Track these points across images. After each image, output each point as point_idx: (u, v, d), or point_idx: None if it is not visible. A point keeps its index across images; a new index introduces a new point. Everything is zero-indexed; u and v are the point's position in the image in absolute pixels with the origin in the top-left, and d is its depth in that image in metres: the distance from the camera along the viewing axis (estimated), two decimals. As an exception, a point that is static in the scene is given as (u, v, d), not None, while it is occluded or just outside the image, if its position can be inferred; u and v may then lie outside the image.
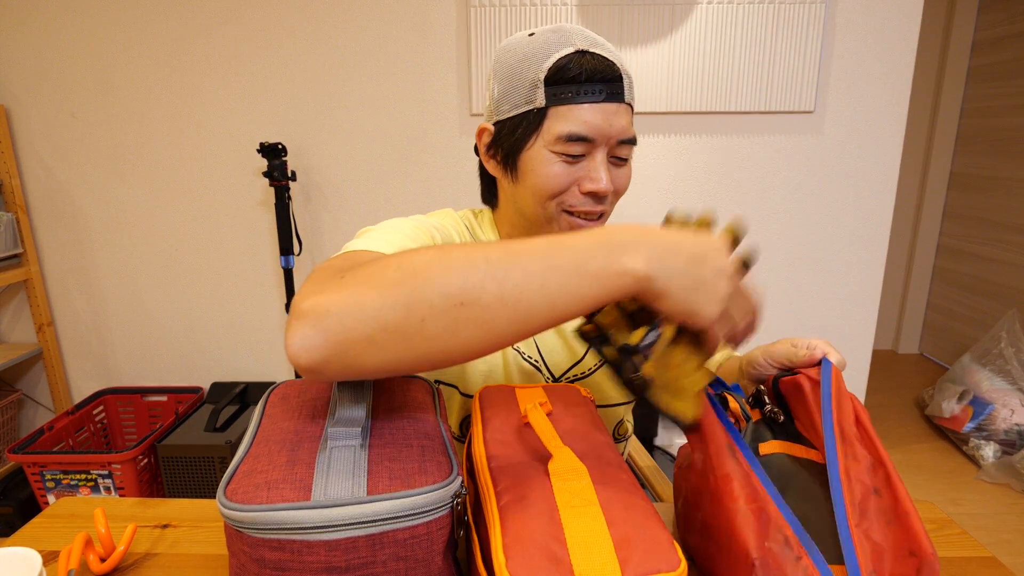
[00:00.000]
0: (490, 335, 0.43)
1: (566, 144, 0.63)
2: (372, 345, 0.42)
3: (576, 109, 0.63)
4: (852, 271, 1.88)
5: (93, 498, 0.69)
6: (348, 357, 0.42)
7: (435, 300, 0.42)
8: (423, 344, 0.42)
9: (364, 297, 0.42)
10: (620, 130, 0.65)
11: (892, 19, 1.69)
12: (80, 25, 1.73)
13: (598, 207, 0.67)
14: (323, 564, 0.40)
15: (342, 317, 0.41)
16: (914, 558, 0.41)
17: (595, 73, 0.62)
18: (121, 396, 1.94)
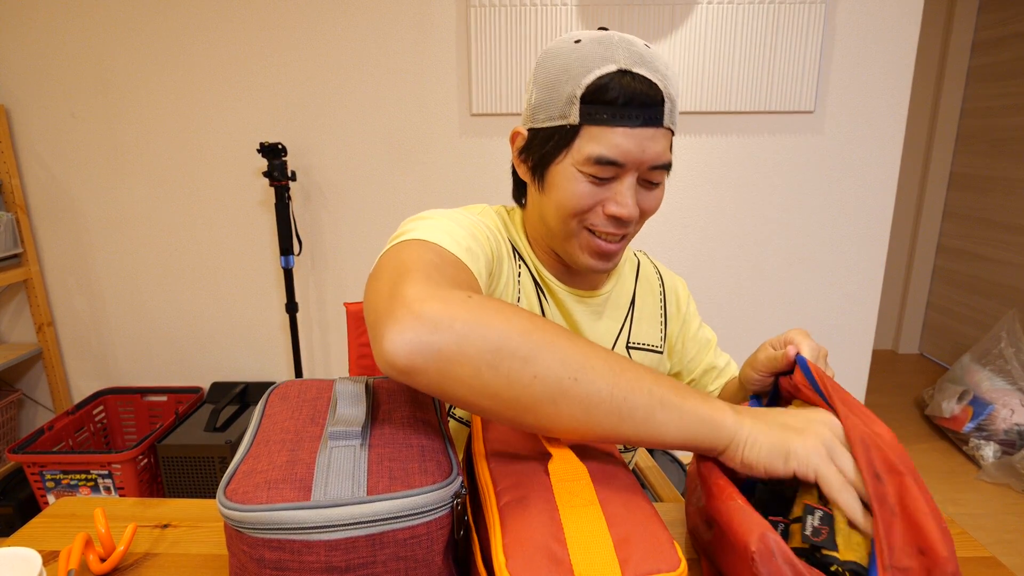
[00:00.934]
0: (586, 420, 0.43)
1: (595, 166, 0.61)
2: (476, 379, 0.42)
3: (609, 132, 0.60)
4: (852, 271, 1.88)
5: (93, 498, 0.69)
6: (447, 376, 0.41)
7: (554, 365, 0.42)
8: (522, 400, 0.42)
9: (491, 330, 0.42)
10: (654, 156, 0.62)
11: (892, 19, 1.69)
12: (80, 25, 1.73)
13: (621, 230, 0.65)
14: (323, 564, 0.40)
15: (465, 337, 0.41)
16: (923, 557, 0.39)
17: (634, 97, 0.59)
18: (121, 396, 1.94)
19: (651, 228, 1.87)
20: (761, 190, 1.82)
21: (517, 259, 0.73)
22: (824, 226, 1.85)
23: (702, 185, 1.83)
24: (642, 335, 0.80)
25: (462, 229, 0.60)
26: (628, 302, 0.80)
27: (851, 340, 1.94)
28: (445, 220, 0.61)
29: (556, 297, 0.74)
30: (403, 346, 0.40)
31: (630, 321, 0.79)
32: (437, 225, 0.59)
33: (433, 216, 0.61)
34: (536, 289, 0.73)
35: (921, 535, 0.40)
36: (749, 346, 2.09)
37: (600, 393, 0.43)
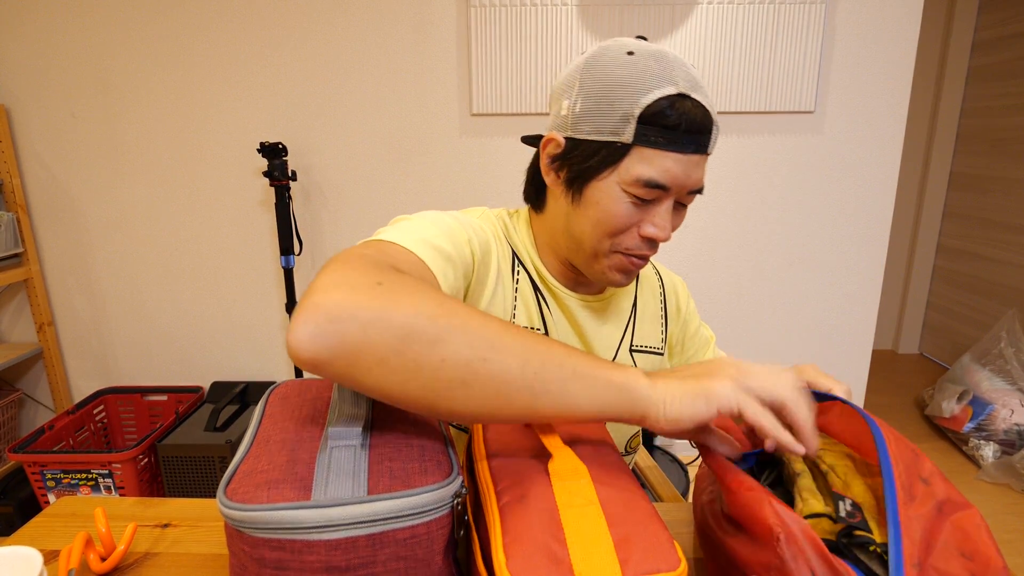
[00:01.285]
0: (498, 399, 0.43)
1: (642, 188, 0.60)
2: (383, 366, 0.41)
3: (662, 156, 0.59)
4: (852, 271, 1.88)
5: (93, 497, 0.69)
6: (354, 367, 0.41)
7: (462, 347, 0.42)
8: (433, 384, 0.42)
9: (396, 315, 0.41)
10: (695, 181, 0.62)
11: (892, 19, 1.69)
12: (80, 25, 1.73)
13: (652, 252, 0.66)
14: (323, 564, 0.40)
15: (367, 326, 0.41)
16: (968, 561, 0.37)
17: (692, 123, 0.58)
18: (121, 396, 1.94)
19: (651, 228, 1.87)
20: (761, 190, 1.82)
21: (517, 265, 0.71)
22: (824, 226, 1.85)
23: (702, 185, 1.82)
24: (644, 337, 0.80)
25: (435, 228, 0.59)
26: (630, 305, 0.79)
27: (851, 340, 1.94)
28: (419, 220, 0.60)
29: (561, 303, 0.73)
30: (305, 338, 0.40)
31: (633, 324, 0.79)
32: (405, 225, 0.58)
33: (410, 217, 0.61)
34: (536, 295, 0.72)
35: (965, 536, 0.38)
36: (749, 346, 2.10)
37: (511, 371, 0.43)
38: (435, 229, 0.59)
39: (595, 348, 0.75)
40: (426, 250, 0.55)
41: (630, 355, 0.78)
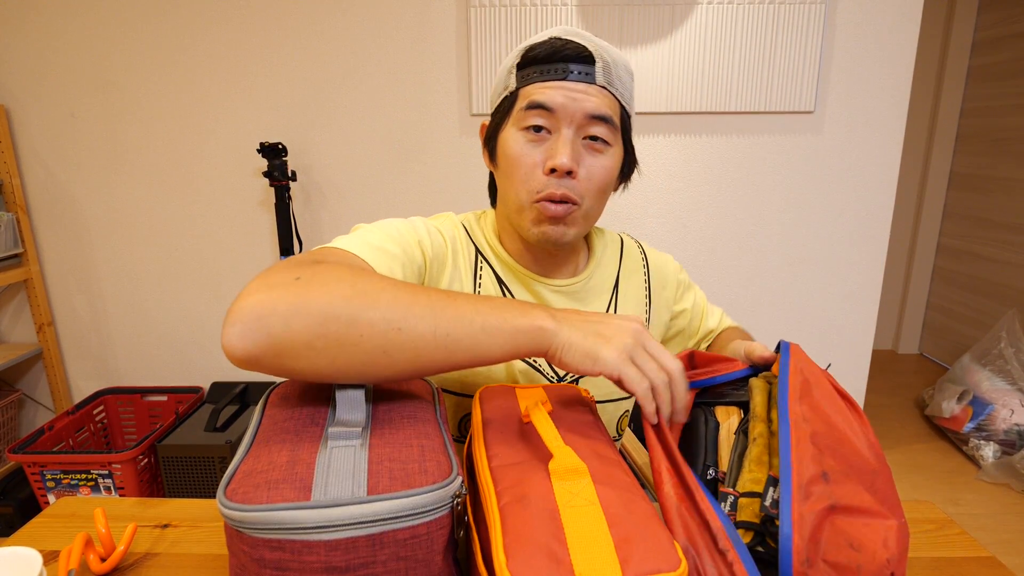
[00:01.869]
0: (418, 361, 0.48)
1: (527, 114, 0.64)
2: (310, 350, 0.45)
3: (541, 85, 0.64)
4: (852, 271, 1.88)
5: (93, 498, 0.69)
6: (284, 356, 0.45)
7: (377, 321, 0.47)
8: (357, 357, 0.46)
9: (313, 304, 0.46)
10: (590, 108, 0.63)
11: (892, 19, 1.69)
12: (80, 25, 1.73)
13: (560, 189, 0.64)
14: (323, 564, 0.40)
15: (287, 318, 0.45)
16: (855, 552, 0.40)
17: (563, 55, 0.63)
18: (121, 396, 1.94)
19: (651, 228, 1.87)
20: (761, 190, 1.82)
21: (480, 262, 0.73)
22: (824, 226, 1.85)
23: (702, 185, 1.83)
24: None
25: (382, 233, 0.63)
26: (612, 285, 0.79)
27: (851, 340, 1.94)
28: (370, 227, 0.65)
29: (531, 290, 0.74)
30: (235, 338, 0.44)
31: (615, 305, 0.79)
32: (357, 232, 0.63)
33: (367, 225, 0.66)
34: (500, 287, 0.73)
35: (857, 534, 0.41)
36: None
37: (424, 336, 0.47)
38: (382, 234, 0.63)
39: None
40: (370, 251, 0.60)
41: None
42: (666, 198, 1.84)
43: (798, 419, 0.46)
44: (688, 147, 1.80)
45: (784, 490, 0.42)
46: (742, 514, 0.46)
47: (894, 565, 0.40)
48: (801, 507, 0.41)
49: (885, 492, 0.44)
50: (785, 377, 0.50)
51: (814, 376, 0.50)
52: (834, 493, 0.42)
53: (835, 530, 0.41)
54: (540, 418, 0.50)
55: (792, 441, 0.45)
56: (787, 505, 0.42)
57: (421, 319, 0.48)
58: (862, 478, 0.44)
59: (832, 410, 0.47)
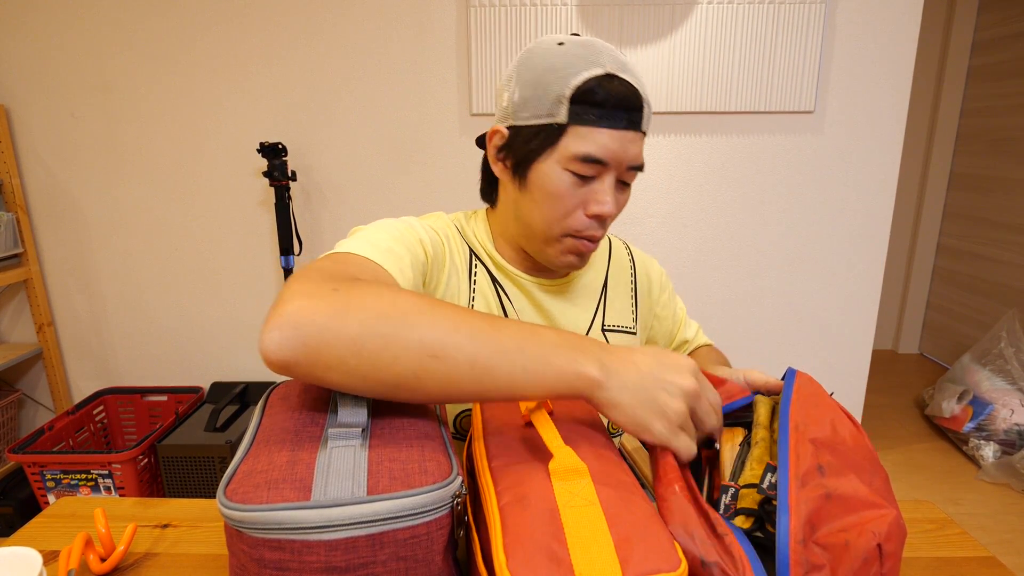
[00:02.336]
0: (449, 391, 0.47)
1: (580, 164, 0.64)
2: (342, 364, 0.45)
3: (596, 132, 0.63)
4: (852, 271, 1.88)
5: (93, 498, 0.69)
6: (316, 367, 0.45)
7: (412, 345, 0.45)
8: (387, 379, 0.46)
9: (351, 319, 0.45)
10: (632, 157, 0.66)
11: (892, 19, 1.69)
12: (80, 25, 1.73)
13: (600, 232, 0.68)
14: (323, 564, 0.40)
15: (324, 330, 0.45)
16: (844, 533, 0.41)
17: (621, 100, 0.62)
18: (121, 396, 1.94)
19: (652, 228, 1.87)
20: (761, 190, 1.82)
21: (474, 260, 0.74)
22: (824, 226, 1.85)
23: (702, 185, 1.83)
24: (616, 316, 0.81)
25: (387, 234, 0.63)
26: (600, 285, 0.81)
27: (851, 340, 1.94)
28: (373, 229, 0.64)
29: (523, 289, 0.75)
30: (272, 343, 0.44)
31: (603, 304, 0.80)
32: (361, 235, 0.62)
33: (364, 228, 0.65)
34: (494, 287, 0.74)
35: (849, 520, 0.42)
36: (749, 346, 2.10)
37: (460, 368, 0.46)
38: (387, 235, 0.63)
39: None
40: (381, 254, 0.59)
41: (603, 334, 0.79)
42: (666, 198, 1.84)
43: (798, 423, 0.48)
44: (688, 147, 1.80)
45: (782, 477, 0.44)
46: (742, 503, 0.47)
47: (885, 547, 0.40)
48: (798, 494, 0.43)
49: (883, 490, 0.44)
50: (789, 391, 0.52)
51: (817, 393, 0.52)
52: (829, 484, 0.44)
53: (830, 515, 0.42)
54: (541, 418, 0.50)
55: (791, 440, 0.46)
56: (784, 490, 0.43)
57: (459, 349, 0.46)
58: (860, 475, 0.45)
59: (832, 419, 0.49)
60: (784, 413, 0.49)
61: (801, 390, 0.52)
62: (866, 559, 0.40)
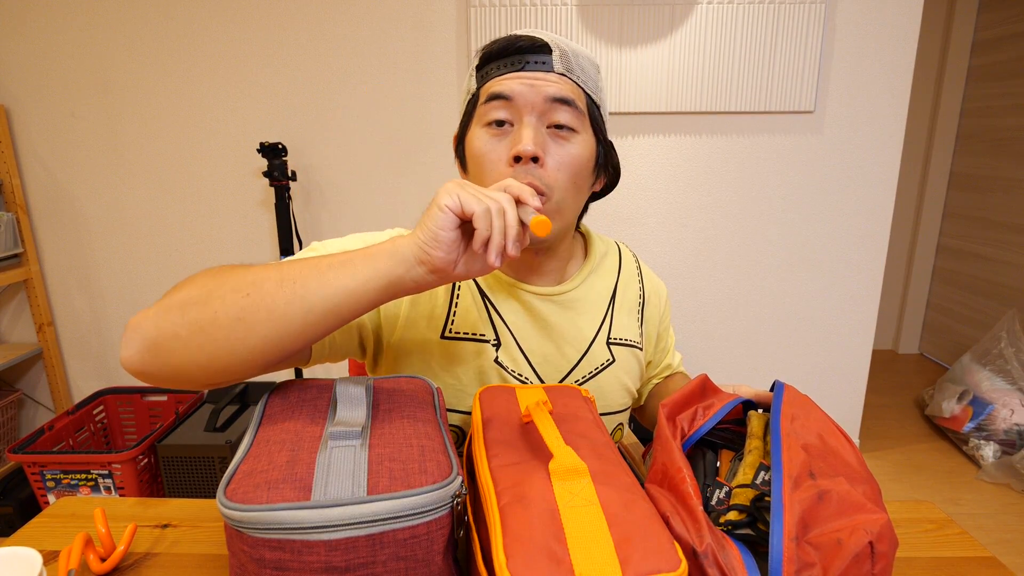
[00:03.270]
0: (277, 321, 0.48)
1: (487, 108, 0.63)
2: (177, 340, 0.48)
3: (499, 79, 0.63)
4: (852, 271, 1.88)
5: (93, 498, 0.69)
6: (161, 354, 0.49)
7: (226, 293, 0.49)
8: (220, 334, 0.48)
9: (174, 299, 0.50)
10: (549, 94, 0.61)
11: (892, 19, 1.69)
12: (80, 25, 1.73)
13: (526, 178, 0.61)
14: (323, 564, 0.40)
15: (155, 318, 0.49)
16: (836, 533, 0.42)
17: (519, 48, 0.63)
18: (121, 396, 1.94)
19: (651, 228, 1.87)
20: (761, 190, 1.82)
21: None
22: (824, 226, 1.85)
23: (702, 185, 1.83)
24: (623, 330, 0.76)
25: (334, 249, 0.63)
26: (609, 296, 0.76)
27: (851, 340, 1.94)
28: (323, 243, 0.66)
29: (518, 299, 0.71)
30: (123, 354, 0.50)
31: (611, 315, 0.75)
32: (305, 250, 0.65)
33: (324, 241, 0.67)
34: (482, 299, 0.70)
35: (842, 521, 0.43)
36: (749, 347, 2.09)
37: (273, 293, 0.48)
38: (333, 249, 0.63)
39: (565, 342, 0.71)
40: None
41: (607, 348, 0.74)
42: (666, 198, 1.84)
43: (789, 431, 0.49)
44: (688, 147, 1.80)
45: (775, 476, 0.44)
46: (735, 500, 0.48)
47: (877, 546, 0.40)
48: (792, 494, 0.43)
49: (874, 498, 0.45)
50: (779, 404, 0.52)
51: (806, 405, 0.53)
52: (822, 485, 0.44)
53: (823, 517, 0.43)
54: (541, 418, 0.50)
55: (784, 444, 0.47)
56: (778, 489, 0.44)
57: (267, 279, 0.49)
58: (852, 482, 0.45)
59: (822, 430, 0.50)
60: (775, 421, 0.50)
61: (791, 402, 0.52)
62: (857, 557, 0.40)
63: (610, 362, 0.74)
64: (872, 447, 2.18)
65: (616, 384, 0.75)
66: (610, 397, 0.75)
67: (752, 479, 0.48)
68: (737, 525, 0.46)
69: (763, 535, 0.44)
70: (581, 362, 0.72)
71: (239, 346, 0.49)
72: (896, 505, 0.66)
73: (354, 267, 0.49)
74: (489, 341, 0.69)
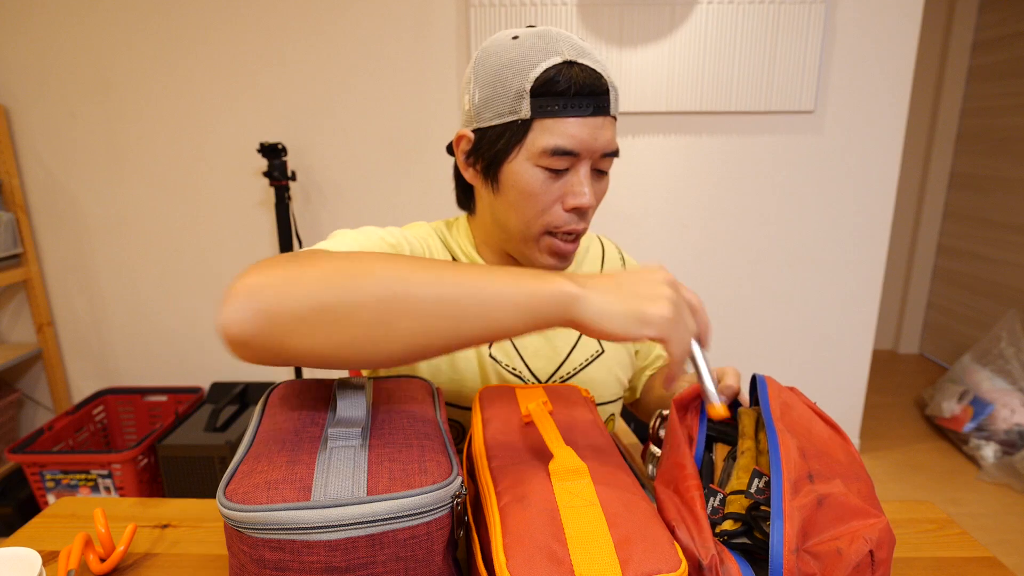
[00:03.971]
0: (421, 334, 0.44)
1: (551, 158, 0.61)
2: (302, 323, 0.42)
3: (562, 123, 0.61)
4: (852, 271, 1.88)
5: (93, 498, 0.69)
6: (275, 334, 0.42)
7: (373, 288, 0.43)
8: (354, 330, 0.43)
9: (305, 275, 0.43)
10: (605, 143, 0.63)
11: (892, 19, 1.69)
12: (80, 25, 1.73)
13: (581, 224, 0.65)
14: (323, 564, 0.40)
15: (278, 289, 0.42)
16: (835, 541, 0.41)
17: (584, 87, 0.60)
18: (121, 396, 1.94)
19: (651, 228, 1.87)
20: (761, 190, 1.82)
21: None
22: (824, 226, 1.85)
23: (702, 185, 1.83)
24: None
25: (363, 237, 0.62)
26: None
27: (851, 340, 1.94)
28: (351, 232, 0.63)
29: None
30: (227, 320, 0.42)
31: None
32: (339, 236, 0.61)
33: (347, 231, 0.63)
34: None
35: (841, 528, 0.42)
36: (749, 346, 2.09)
37: (427, 300, 0.43)
38: (363, 237, 0.61)
39: (556, 335, 0.74)
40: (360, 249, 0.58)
41: (598, 342, 0.77)
42: (666, 198, 1.84)
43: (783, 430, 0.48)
44: (688, 147, 1.80)
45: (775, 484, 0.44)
46: (730, 507, 0.47)
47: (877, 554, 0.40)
48: (792, 501, 0.42)
49: (870, 497, 0.45)
50: (766, 402, 0.52)
51: (791, 399, 0.52)
52: (820, 490, 0.44)
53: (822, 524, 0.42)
54: (542, 418, 0.50)
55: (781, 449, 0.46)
56: (778, 498, 0.43)
57: (421, 285, 0.44)
58: (847, 482, 0.45)
59: (811, 426, 0.49)
60: (769, 423, 0.49)
61: (777, 397, 0.52)
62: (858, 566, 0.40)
63: (600, 352, 0.76)
64: (872, 447, 2.17)
65: (607, 374, 0.77)
66: (602, 388, 0.77)
67: (747, 486, 0.47)
68: (733, 535, 0.45)
69: (760, 543, 0.44)
70: (571, 354, 0.75)
71: (370, 347, 0.44)
72: (896, 505, 0.66)
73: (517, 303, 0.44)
74: None
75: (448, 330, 0.44)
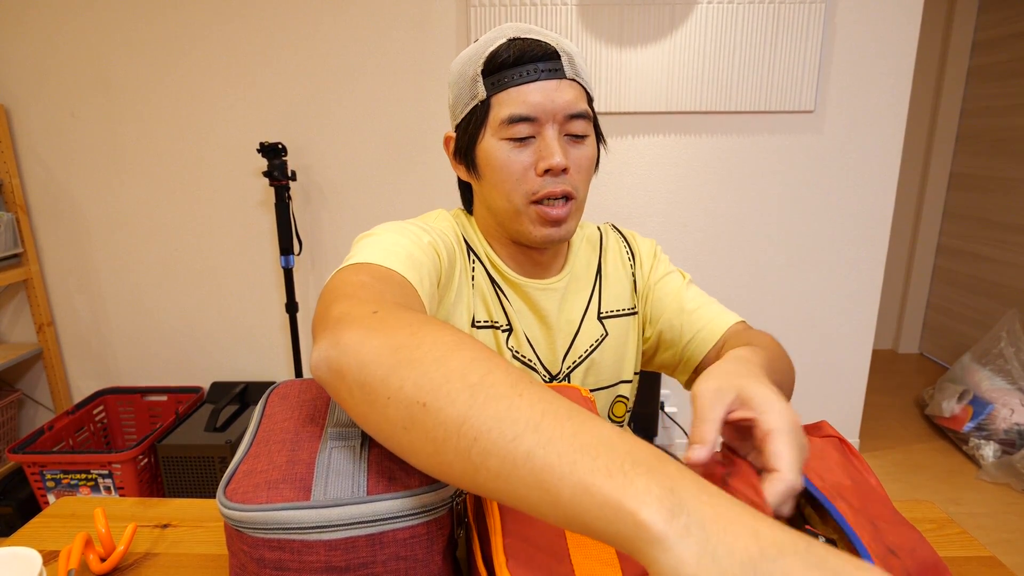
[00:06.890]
0: (436, 459, 0.35)
1: (511, 127, 0.64)
2: (351, 395, 0.39)
3: (515, 92, 0.64)
4: (852, 271, 1.88)
5: (93, 498, 0.69)
6: (337, 391, 0.40)
7: (409, 386, 0.35)
8: (379, 422, 0.37)
9: (368, 346, 0.39)
10: (564, 105, 0.65)
11: (892, 19, 1.69)
12: (80, 25, 1.73)
13: (559, 186, 0.66)
14: (323, 564, 0.40)
15: (345, 353, 0.39)
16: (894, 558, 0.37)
17: (528, 55, 0.64)
18: (121, 396, 1.94)
19: (651, 228, 1.87)
20: (761, 190, 1.82)
21: (471, 258, 0.74)
22: (824, 226, 1.85)
23: (702, 185, 1.83)
24: (612, 302, 0.79)
25: (404, 239, 0.61)
26: (594, 273, 0.80)
27: (851, 340, 1.94)
28: (388, 234, 0.61)
29: (520, 290, 0.75)
30: (314, 359, 0.42)
31: (598, 291, 0.79)
32: (378, 242, 0.59)
33: (378, 232, 0.62)
34: (492, 285, 0.74)
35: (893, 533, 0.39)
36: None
37: (447, 425, 0.33)
38: (404, 240, 0.61)
39: (559, 330, 0.75)
40: (402, 264, 0.56)
41: (599, 323, 0.78)
42: (666, 198, 1.84)
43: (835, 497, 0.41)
44: (688, 147, 1.80)
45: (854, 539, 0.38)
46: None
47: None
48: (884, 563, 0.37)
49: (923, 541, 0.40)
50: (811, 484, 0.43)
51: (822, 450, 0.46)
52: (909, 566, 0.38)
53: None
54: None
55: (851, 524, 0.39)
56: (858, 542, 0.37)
57: (453, 401, 0.33)
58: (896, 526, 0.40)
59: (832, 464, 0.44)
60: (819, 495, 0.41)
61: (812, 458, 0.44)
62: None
63: (604, 336, 0.78)
64: (872, 447, 2.17)
65: (613, 357, 0.78)
66: (608, 371, 0.78)
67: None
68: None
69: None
70: (575, 343, 0.76)
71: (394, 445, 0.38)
72: (896, 505, 0.66)
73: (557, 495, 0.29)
74: (501, 327, 0.73)
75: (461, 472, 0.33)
